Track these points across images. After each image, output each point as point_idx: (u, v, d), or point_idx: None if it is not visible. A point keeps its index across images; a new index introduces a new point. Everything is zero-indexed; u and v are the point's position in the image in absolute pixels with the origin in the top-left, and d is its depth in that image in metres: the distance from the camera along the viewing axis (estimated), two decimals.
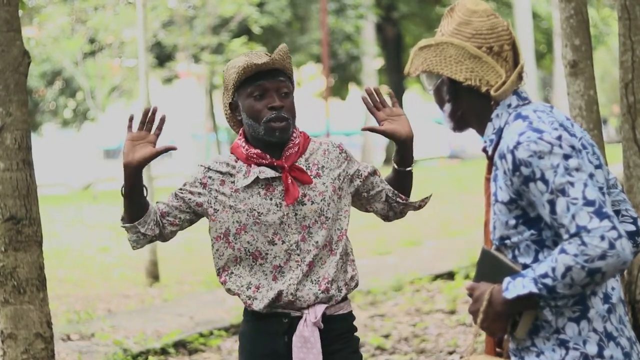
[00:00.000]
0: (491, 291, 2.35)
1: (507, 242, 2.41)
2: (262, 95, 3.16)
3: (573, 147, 2.32)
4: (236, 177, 3.21)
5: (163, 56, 25.55)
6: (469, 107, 2.50)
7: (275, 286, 3.18)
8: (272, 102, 3.15)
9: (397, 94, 35.72)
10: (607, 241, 2.20)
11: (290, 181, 3.16)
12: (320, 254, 3.19)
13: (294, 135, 3.23)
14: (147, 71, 10.29)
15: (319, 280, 3.19)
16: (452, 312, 7.81)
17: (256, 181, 3.19)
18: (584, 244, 2.21)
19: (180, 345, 7.15)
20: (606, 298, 2.37)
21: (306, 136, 3.28)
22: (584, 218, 2.22)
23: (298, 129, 3.26)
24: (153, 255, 10.30)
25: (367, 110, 3.34)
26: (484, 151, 2.50)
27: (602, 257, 2.20)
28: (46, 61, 26.22)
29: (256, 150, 3.20)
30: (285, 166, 3.18)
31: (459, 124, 2.55)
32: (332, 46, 29.72)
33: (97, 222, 17.40)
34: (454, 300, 8.10)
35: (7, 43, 4.00)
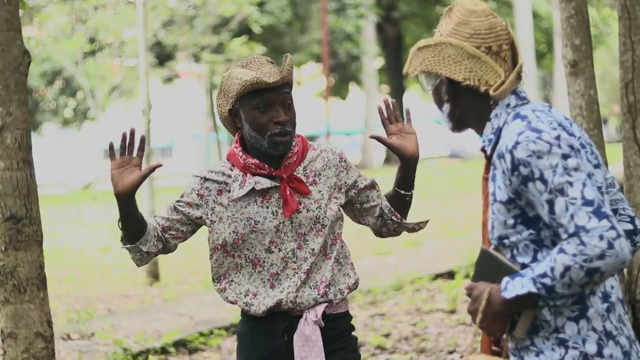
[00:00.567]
0: (490, 291, 2.36)
1: (506, 241, 2.41)
2: (267, 108, 3.13)
3: (572, 147, 2.32)
4: (232, 187, 3.20)
5: (163, 56, 25.54)
6: (467, 107, 2.50)
7: (272, 293, 3.18)
8: (278, 117, 3.12)
9: (397, 94, 35.83)
10: (606, 241, 2.20)
11: (288, 192, 3.15)
12: (316, 260, 3.19)
13: (294, 144, 3.21)
14: (147, 71, 10.29)
15: (317, 285, 3.19)
16: (452, 312, 7.80)
17: (251, 192, 3.18)
18: (582, 243, 2.21)
19: (180, 344, 7.15)
20: (605, 297, 2.37)
21: (305, 142, 3.25)
22: (582, 218, 2.23)
23: (296, 135, 3.24)
24: None
25: (380, 120, 3.31)
26: (483, 151, 2.50)
27: (601, 256, 2.20)
28: (46, 61, 26.22)
29: (254, 161, 3.17)
30: (284, 176, 3.16)
31: (458, 124, 2.55)
32: (333, 46, 29.72)
33: (97, 222, 17.40)
34: (454, 300, 8.09)
35: (7, 42, 4.00)
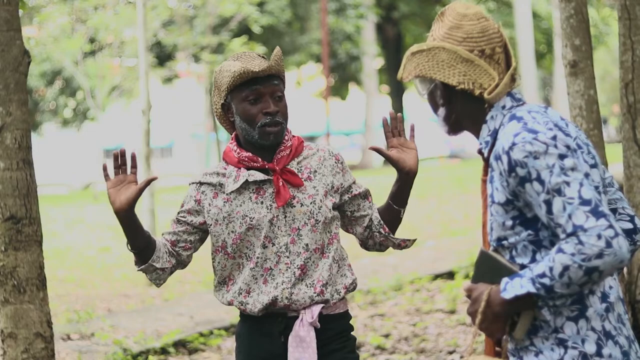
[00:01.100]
0: (489, 292, 2.36)
1: (505, 242, 2.41)
2: (257, 100, 3.16)
3: (568, 147, 2.32)
4: (227, 183, 3.21)
5: (163, 56, 25.55)
6: (463, 110, 2.51)
7: (265, 289, 3.18)
8: (267, 108, 3.15)
9: (396, 95, 35.81)
10: (604, 240, 2.20)
11: (281, 183, 3.16)
12: (312, 257, 3.18)
13: (286, 138, 3.23)
14: (147, 71, 10.29)
15: (314, 283, 3.18)
16: (452, 312, 7.81)
17: (246, 186, 3.19)
18: (580, 243, 2.21)
19: (180, 344, 7.15)
20: (604, 297, 2.37)
21: (300, 140, 3.27)
22: (580, 217, 2.23)
23: (290, 131, 3.26)
24: None
25: (384, 132, 3.31)
26: (480, 153, 2.51)
27: (599, 255, 2.21)
28: (46, 61, 26.22)
29: (247, 154, 3.20)
30: (277, 169, 3.18)
31: (454, 127, 2.56)
32: (332, 46, 29.71)
33: (98, 222, 17.40)
34: (453, 300, 8.10)
35: (7, 42, 4.00)
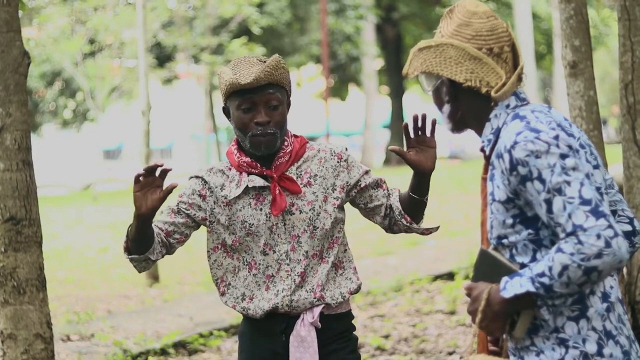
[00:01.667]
0: (489, 291, 2.36)
1: (505, 241, 2.41)
2: (250, 109, 3.12)
3: (570, 147, 2.32)
4: (229, 187, 3.21)
5: (163, 57, 25.55)
6: (468, 108, 2.50)
7: (267, 296, 3.18)
8: (258, 118, 3.10)
9: (397, 95, 35.80)
10: (603, 240, 2.20)
11: (277, 191, 3.14)
12: (310, 263, 3.18)
13: (285, 143, 3.19)
14: (147, 72, 10.29)
15: (313, 289, 3.18)
16: (452, 313, 7.81)
17: (247, 191, 3.18)
18: (580, 242, 2.22)
19: (180, 345, 7.15)
20: (605, 297, 2.38)
21: (302, 142, 3.23)
22: (580, 217, 2.23)
23: (291, 134, 3.22)
24: None
25: (404, 132, 3.21)
26: (482, 151, 2.51)
27: (599, 255, 2.21)
28: (46, 62, 26.23)
29: (246, 159, 3.18)
30: (274, 176, 3.15)
31: (458, 124, 2.55)
32: (332, 47, 29.71)
33: (97, 222, 17.39)
34: (453, 301, 8.10)
35: (7, 44, 4.00)
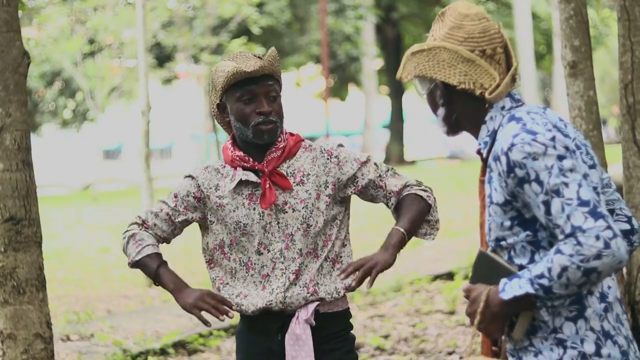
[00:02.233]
0: (488, 292, 2.36)
1: (503, 243, 2.41)
2: (251, 100, 3.15)
3: (567, 148, 2.32)
4: (224, 183, 3.22)
5: (163, 57, 25.53)
6: (463, 110, 2.51)
7: (262, 294, 3.19)
8: (261, 107, 3.14)
9: (396, 95, 35.78)
10: (602, 241, 2.21)
11: (267, 185, 3.15)
12: (305, 261, 3.19)
13: (280, 139, 3.21)
14: (146, 72, 10.29)
15: (306, 284, 3.19)
16: (451, 313, 7.81)
17: (240, 190, 3.18)
18: (579, 243, 2.22)
19: (179, 345, 7.16)
20: (602, 297, 2.38)
21: (296, 140, 3.24)
22: (578, 218, 2.23)
23: (285, 131, 3.24)
24: None
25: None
26: (479, 153, 2.51)
27: (598, 256, 2.21)
28: (46, 62, 26.20)
29: (239, 153, 3.20)
30: (266, 170, 3.16)
31: (453, 127, 2.56)
32: (332, 47, 29.71)
33: (97, 222, 17.40)
34: (453, 301, 8.10)
35: (6, 44, 4.00)
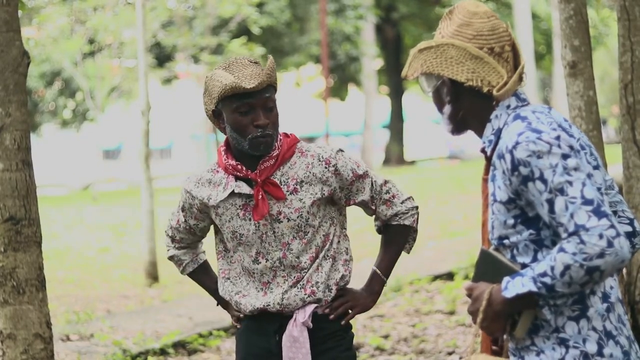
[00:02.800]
0: (490, 291, 2.36)
1: (506, 241, 2.41)
2: (248, 112, 3.12)
3: (571, 147, 2.33)
4: (216, 192, 3.21)
5: (162, 57, 25.53)
6: (469, 108, 2.50)
7: (262, 299, 3.20)
8: (258, 120, 3.10)
9: (396, 95, 35.79)
10: (606, 239, 2.21)
11: (260, 196, 3.12)
12: (304, 265, 3.19)
13: (274, 146, 3.17)
14: (146, 72, 10.29)
15: (304, 285, 3.19)
16: (451, 313, 7.80)
17: (234, 201, 3.17)
18: (582, 242, 2.22)
19: (179, 345, 7.15)
20: (605, 297, 2.38)
21: (291, 143, 3.20)
22: (582, 217, 2.23)
23: (280, 138, 3.20)
24: (152, 256, 10.29)
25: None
26: (483, 152, 2.51)
27: (601, 255, 2.21)
28: (45, 62, 26.19)
29: (232, 162, 3.17)
30: (259, 180, 3.14)
31: (459, 125, 2.55)
32: (332, 47, 29.71)
33: (97, 222, 17.39)
34: (453, 301, 8.09)
35: (6, 43, 4.00)
